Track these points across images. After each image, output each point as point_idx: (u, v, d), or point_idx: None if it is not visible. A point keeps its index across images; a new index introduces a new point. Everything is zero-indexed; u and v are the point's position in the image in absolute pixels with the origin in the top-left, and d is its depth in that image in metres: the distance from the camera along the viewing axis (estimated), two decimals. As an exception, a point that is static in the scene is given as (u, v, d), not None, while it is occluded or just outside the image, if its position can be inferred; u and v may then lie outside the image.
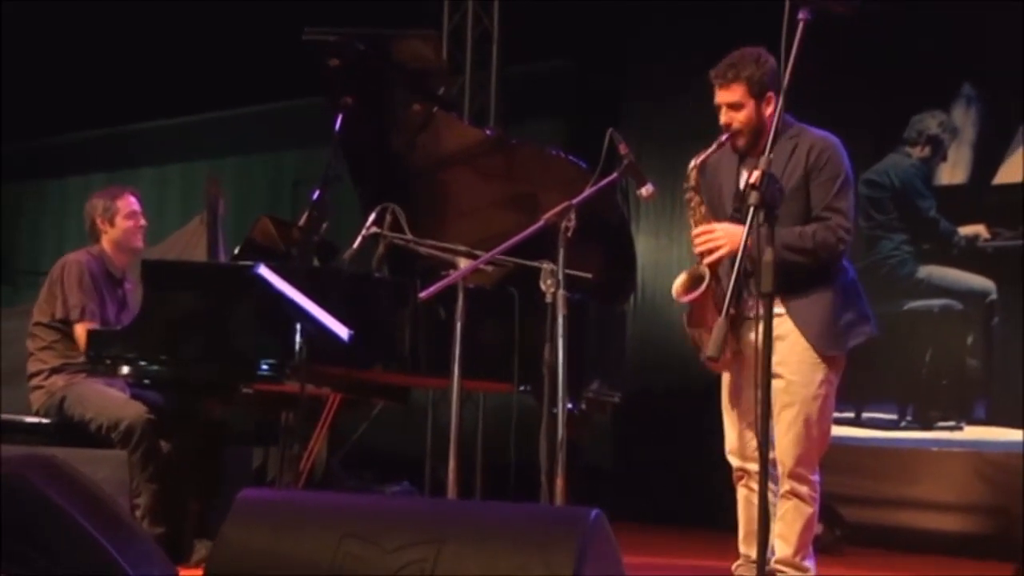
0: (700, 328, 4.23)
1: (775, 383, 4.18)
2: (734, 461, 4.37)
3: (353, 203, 5.46)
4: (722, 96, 4.25)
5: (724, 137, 4.24)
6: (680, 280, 4.24)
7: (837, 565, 6.11)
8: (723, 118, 4.26)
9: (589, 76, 8.97)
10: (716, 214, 4.31)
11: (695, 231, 4.25)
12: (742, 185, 4.25)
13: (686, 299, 4.21)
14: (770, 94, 4.20)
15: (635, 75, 8.51)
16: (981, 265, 7.02)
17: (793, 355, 4.19)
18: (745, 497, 4.36)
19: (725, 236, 4.15)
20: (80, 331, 5.23)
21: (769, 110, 4.21)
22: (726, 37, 7.10)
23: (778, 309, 4.16)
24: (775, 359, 4.15)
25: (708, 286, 4.17)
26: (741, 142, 4.25)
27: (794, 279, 4.10)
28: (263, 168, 11.57)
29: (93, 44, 10.22)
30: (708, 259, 4.17)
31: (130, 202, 5.53)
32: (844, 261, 4.30)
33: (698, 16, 7.89)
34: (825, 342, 4.20)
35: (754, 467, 4.28)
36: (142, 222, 5.55)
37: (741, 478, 4.36)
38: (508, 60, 8.31)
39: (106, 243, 5.51)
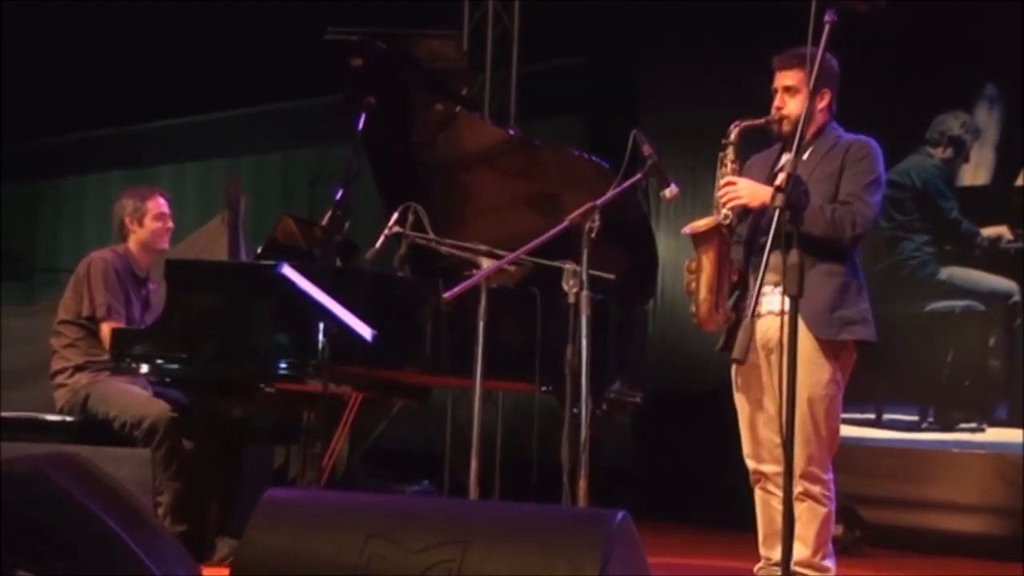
0: (699, 269, 4.23)
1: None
2: (750, 464, 4.37)
3: (374, 202, 5.46)
4: (781, 79, 4.31)
5: (773, 117, 4.30)
6: (700, 221, 4.27)
7: (857, 566, 6.09)
8: (777, 101, 4.32)
9: (608, 73, 8.97)
10: (743, 211, 4.33)
11: (722, 181, 4.29)
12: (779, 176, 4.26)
13: (692, 232, 4.25)
14: (826, 91, 4.30)
15: (653, 72, 8.49)
16: (1004, 266, 7.00)
17: (800, 356, 4.18)
18: (763, 500, 4.36)
19: (748, 190, 4.22)
20: (106, 329, 5.24)
21: (822, 104, 4.32)
22: (744, 35, 7.10)
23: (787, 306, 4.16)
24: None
25: (716, 228, 4.21)
26: (787, 127, 4.27)
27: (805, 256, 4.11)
28: (280, 167, 11.59)
29: (112, 42, 10.25)
30: (730, 204, 4.23)
31: (160, 203, 5.55)
32: (856, 260, 4.32)
33: (715, 10, 7.88)
34: (818, 325, 4.19)
35: (769, 469, 4.29)
36: (170, 224, 5.57)
37: (758, 480, 4.37)
38: (527, 58, 8.31)
39: (133, 243, 5.53)
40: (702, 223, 4.25)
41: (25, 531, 2.89)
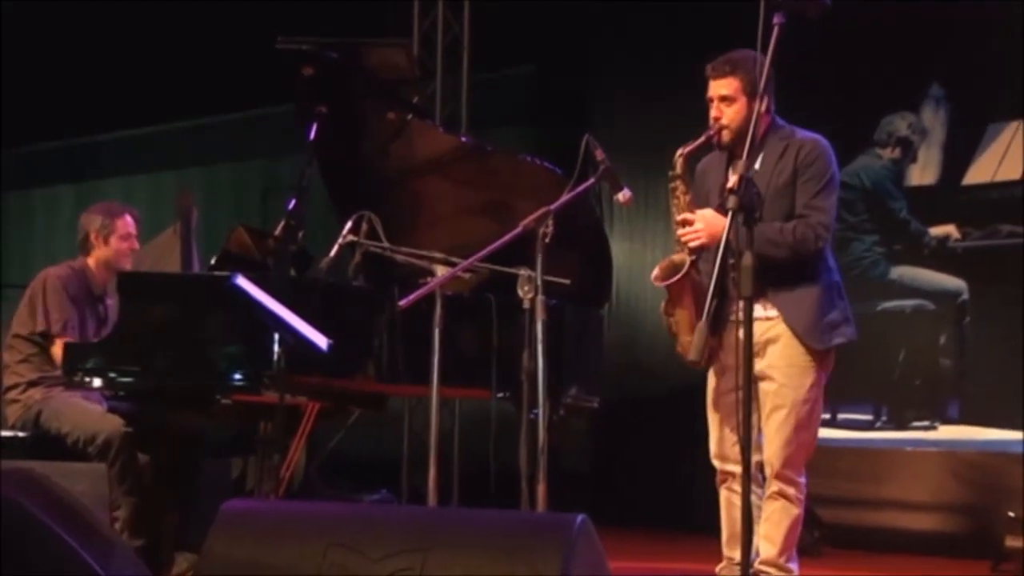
0: (676, 313, 4.25)
1: (765, 385, 4.23)
2: (717, 464, 4.39)
3: (327, 211, 5.45)
4: (715, 88, 4.27)
5: (712, 131, 4.26)
6: (660, 266, 4.28)
7: (816, 566, 6.13)
8: (713, 111, 4.28)
9: (556, 81, 9.00)
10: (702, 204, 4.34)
11: (679, 218, 4.28)
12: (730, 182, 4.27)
13: (664, 284, 4.24)
14: (764, 97, 4.23)
15: (602, 79, 8.53)
16: (952, 265, 7.07)
17: (784, 359, 4.23)
18: (727, 499, 4.38)
19: (706, 226, 4.19)
20: (59, 345, 5.20)
21: (762, 108, 4.24)
22: (693, 41, 7.15)
23: (771, 312, 4.21)
24: (766, 362, 4.21)
25: (687, 273, 4.20)
26: (727, 137, 4.27)
27: (780, 275, 4.14)
28: (231, 178, 11.53)
29: (58, 54, 10.17)
30: (691, 245, 4.21)
31: (128, 223, 5.52)
32: (830, 260, 4.35)
33: (664, 19, 7.92)
34: (813, 336, 4.24)
35: (737, 469, 4.29)
36: (135, 245, 5.54)
37: (724, 480, 4.38)
38: (477, 67, 8.32)
39: (93, 259, 5.48)
40: (669, 272, 4.23)
41: (-20, 548, 2.86)
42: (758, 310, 4.00)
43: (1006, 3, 6.78)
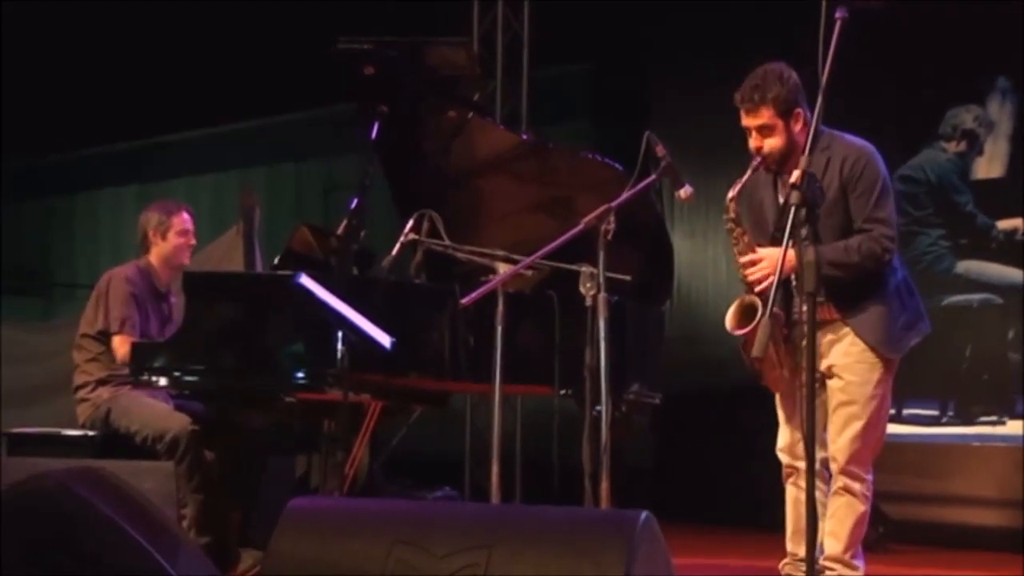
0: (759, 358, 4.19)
1: (832, 383, 4.20)
2: (784, 458, 4.36)
3: (388, 210, 5.48)
4: (750, 120, 4.20)
5: (756, 162, 4.20)
6: (731, 311, 4.19)
7: (882, 563, 6.08)
8: (753, 142, 4.21)
9: (615, 78, 8.99)
10: (759, 232, 4.29)
11: (742, 260, 4.22)
12: (782, 199, 4.22)
13: (740, 333, 4.14)
14: (798, 110, 4.18)
15: (663, 74, 8.51)
16: (1020, 259, 6.98)
17: (851, 356, 4.20)
18: (794, 496, 4.35)
19: (770, 264, 4.09)
20: (118, 342, 5.27)
21: (798, 126, 4.17)
22: (750, 37, 7.11)
23: (834, 314, 4.17)
24: (833, 360, 4.18)
25: (761, 316, 4.13)
26: (774, 164, 4.22)
27: (848, 292, 4.11)
28: (293, 177, 11.62)
29: (123, 56, 10.29)
30: (759, 288, 4.13)
31: (184, 219, 5.58)
32: (895, 261, 4.28)
33: (722, 15, 7.88)
34: (888, 347, 4.22)
35: (804, 465, 4.27)
36: (192, 241, 5.59)
37: (791, 475, 4.35)
38: (536, 64, 8.33)
39: (154, 256, 5.55)
40: (742, 315, 4.12)
41: (52, 544, 2.90)
42: (821, 313, 3.97)
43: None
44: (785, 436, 4.35)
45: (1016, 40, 6.90)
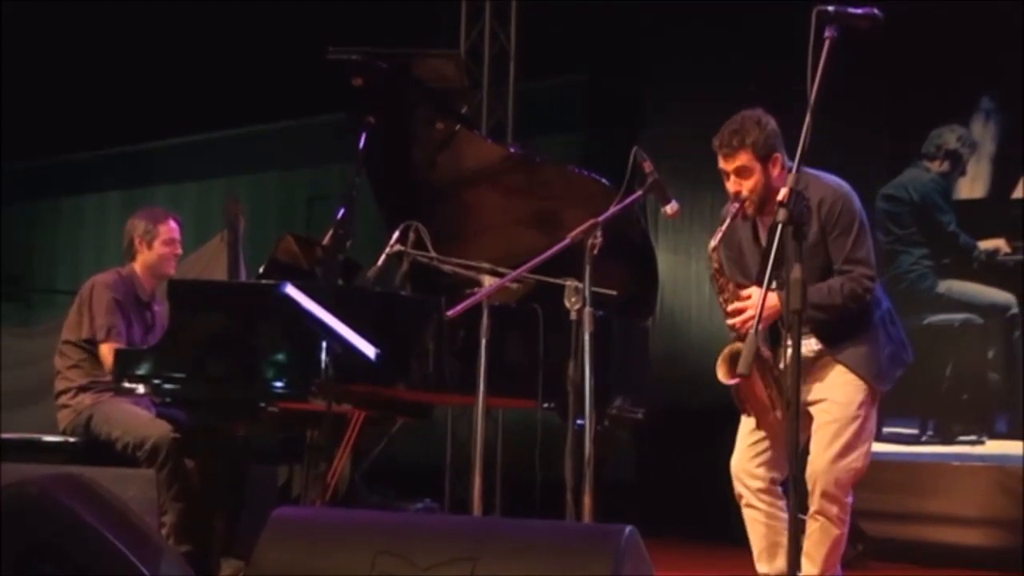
0: (749, 399, 4.20)
1: (817, 407, 4.21)
2: (735, 481, 4.37)
3: (373, 220, 5.48)
4: (728, 164, 4.23)
5: (735, 208, 4.23)
6: (721, 361, 4.18)
7: (860, 580, 6.10)
8: (732, 187, 4.24)
9: (604, 90, 9.02)
10: (741, 274, 4.33)
11: (729, 308, 4.23)
12: (763, 241, 4.25)
13: (733, 383, 4.15)
14: (776, 155, 4.21)
15: (649, 89, 8.53)
16: (1001, 279, 7.02)
17: (838, 378, 4.21)
18: (751, 517, 4.34)
19: (756, 309, 4.08)
20: (105, 351, 5.26)
21: (776, 171, 4.20)
22: (743, 50, 7.14)
23: (816, 345, 4.19)
24: (819, 387, 4.19)
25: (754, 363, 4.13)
26: (751, 209, 4.24)
27: (836, 329, 4.14)
28: (277, 185, 11.61)
29: (108, 62, 10.28)
30: (748, 327, 4.10)
31: (171, 228, 5.56)
32: (879, 291, 4.31)
33: (714, 29, 7.91)
34: (878, 380, 4.25)
35: (752, 484, 4.30)
36: (178, 250, 5.58)
37: (740, 498, 4.36)
38: (524, 76, 8.35)
39: (139, 264, 5.54)
40: (731, 364, 4.09)
41: (33, 551, 2.90)
42: (805, 347, 4.02)
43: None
44: (739, 458, 4.35)
45: (1000, 60, 6.95)
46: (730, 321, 4.23)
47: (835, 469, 4.19)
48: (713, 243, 4.22)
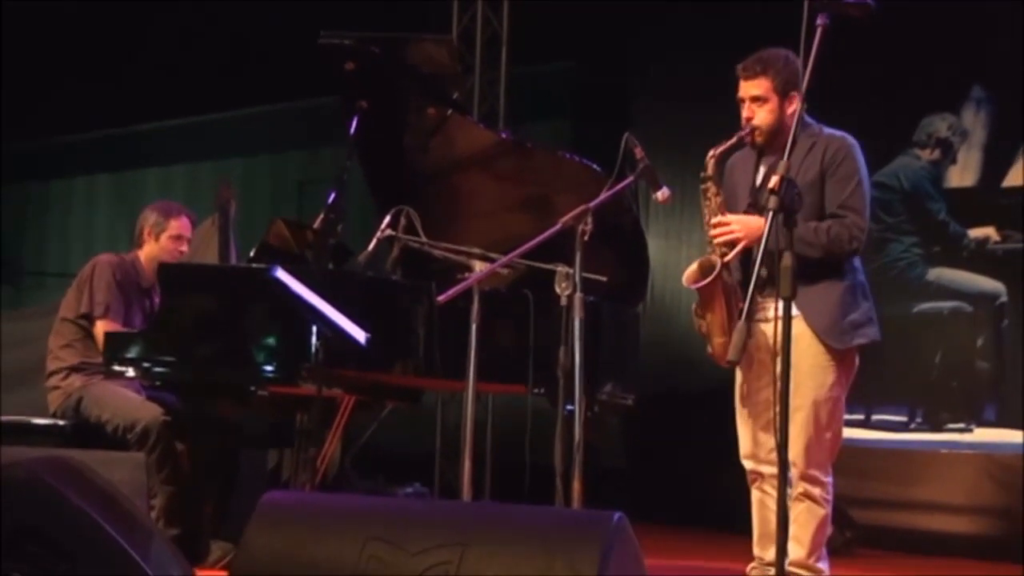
0: (708, 316, 4.25)
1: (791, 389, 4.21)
2: (748, 464, 4.38)
3: (365, 205, 5.48)
4: (747, 88, 4.27)
5: (744, 131, 4.27)
6: (691, 268, 4.26)
7: (848, 567, 6.11)
8: (745, 112, 4.28)
9: (595, 77, 9.01)
10: (730, 201, 4.34)
11: (711, 221, 4.27)
12: (759, 180, 4.29)
13: (695, 286, 4.22)
14: (794, 94, 4.22)
15: (641, 76, 8.53)
16: (991, 267, 7.04)
17: (805, 358, 4.18)
18: (759, 500, 4.38)
19: (742, 227, 4.19)
20: (100, 328, 5.25)
21: (791, 109, 4.22)
22: (732, 39, 7.12)
23: (793, 312, 4.17)
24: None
25: (718, 275, 4.19)
26: (760, 138, 4.27)
27: (805, 271, 4.12)
28: (268, 169, 11.59)
29: (98, 44, 10.24)
30: (729, 255, 4.19)
31: (181, 224, 5.54)
32: (856, 261, 4.32)
33: (705, 17, 7.90)
34: (832, 335, 4.22)
35: (768, 470, 4.31)
36: (184, 248, 5.55)
37: (755, 480, 4.38)
38: (516, 61, 8.33)
39: (143, 254, 5.52)
40: (701, 274, 4.20)
41: (23, 535, 2.90)
42: (772, 309, 4.03)
43: (1049, 4, 6.74)
44: (746, 441, 4.38)
45: (992, 48, 6.96)
46: (712, 233, 4.25)
47: (812, 450, 4.21)
48: (713, 151, 4.27)
